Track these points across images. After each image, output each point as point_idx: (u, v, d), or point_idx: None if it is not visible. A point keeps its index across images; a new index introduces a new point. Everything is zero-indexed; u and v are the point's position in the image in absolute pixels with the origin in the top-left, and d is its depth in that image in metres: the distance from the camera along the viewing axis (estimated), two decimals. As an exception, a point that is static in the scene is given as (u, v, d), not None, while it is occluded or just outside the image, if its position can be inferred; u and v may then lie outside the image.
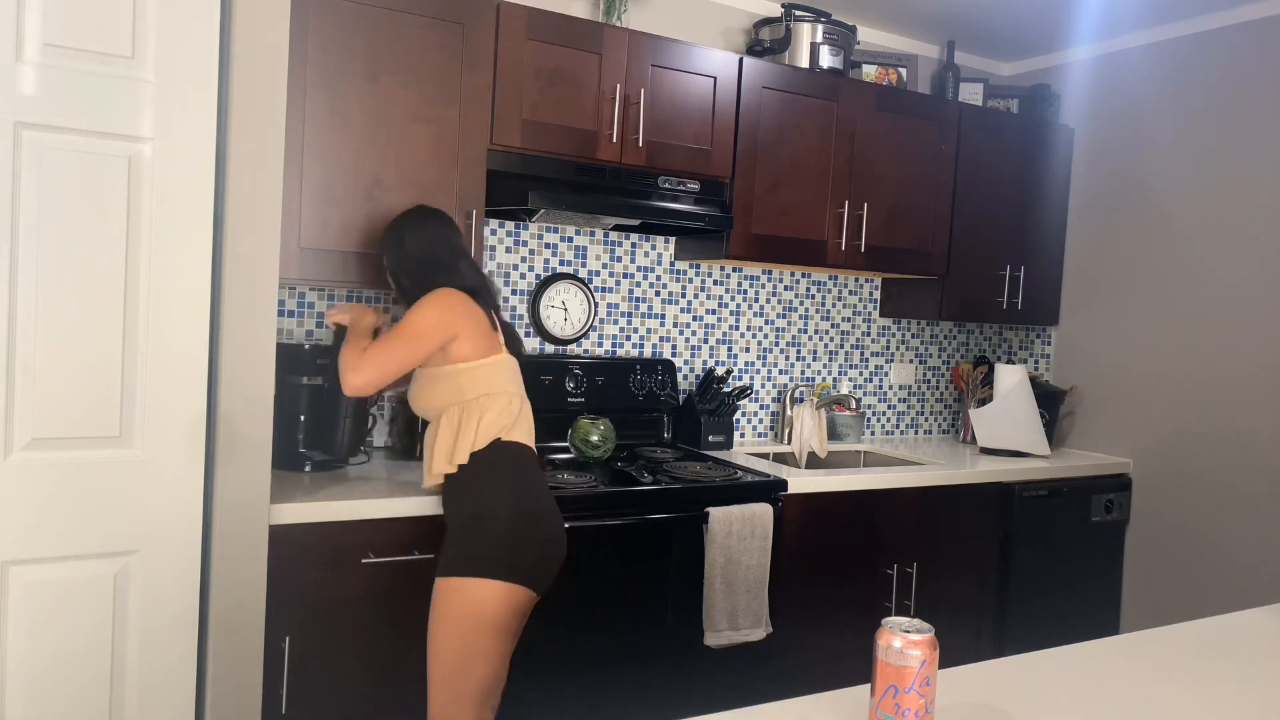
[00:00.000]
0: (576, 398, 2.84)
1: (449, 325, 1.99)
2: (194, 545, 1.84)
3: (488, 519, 1.93)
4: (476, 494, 1.96)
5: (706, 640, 2.47)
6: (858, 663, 1.23)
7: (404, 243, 2.12)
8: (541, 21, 2.49)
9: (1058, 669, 1.33)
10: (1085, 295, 3.56)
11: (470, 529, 1.94)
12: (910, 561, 2.89)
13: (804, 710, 1.15)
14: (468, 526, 1.95)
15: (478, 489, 1.97)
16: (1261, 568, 2.98)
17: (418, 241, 2.11)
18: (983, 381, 3.63)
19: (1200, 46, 3.20)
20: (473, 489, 1.97)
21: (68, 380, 1.71)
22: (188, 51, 1.77)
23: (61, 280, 1.70)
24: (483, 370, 2.03)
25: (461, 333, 2.00)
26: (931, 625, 1.03)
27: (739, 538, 2.48)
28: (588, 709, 2.36)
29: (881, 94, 3.11)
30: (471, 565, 1.91)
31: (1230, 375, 3.10)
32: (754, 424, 3.39)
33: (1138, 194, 3.38)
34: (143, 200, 1.75)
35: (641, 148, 2.65)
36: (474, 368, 2.02)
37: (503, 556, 1.90)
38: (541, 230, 2.92)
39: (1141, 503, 3.35)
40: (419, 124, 2.35)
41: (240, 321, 1.88)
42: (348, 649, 2.08)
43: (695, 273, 3.22)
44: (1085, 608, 3.30)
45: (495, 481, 1.97)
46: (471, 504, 1.96)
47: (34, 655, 1.71)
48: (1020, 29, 3.43)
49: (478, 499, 1.96)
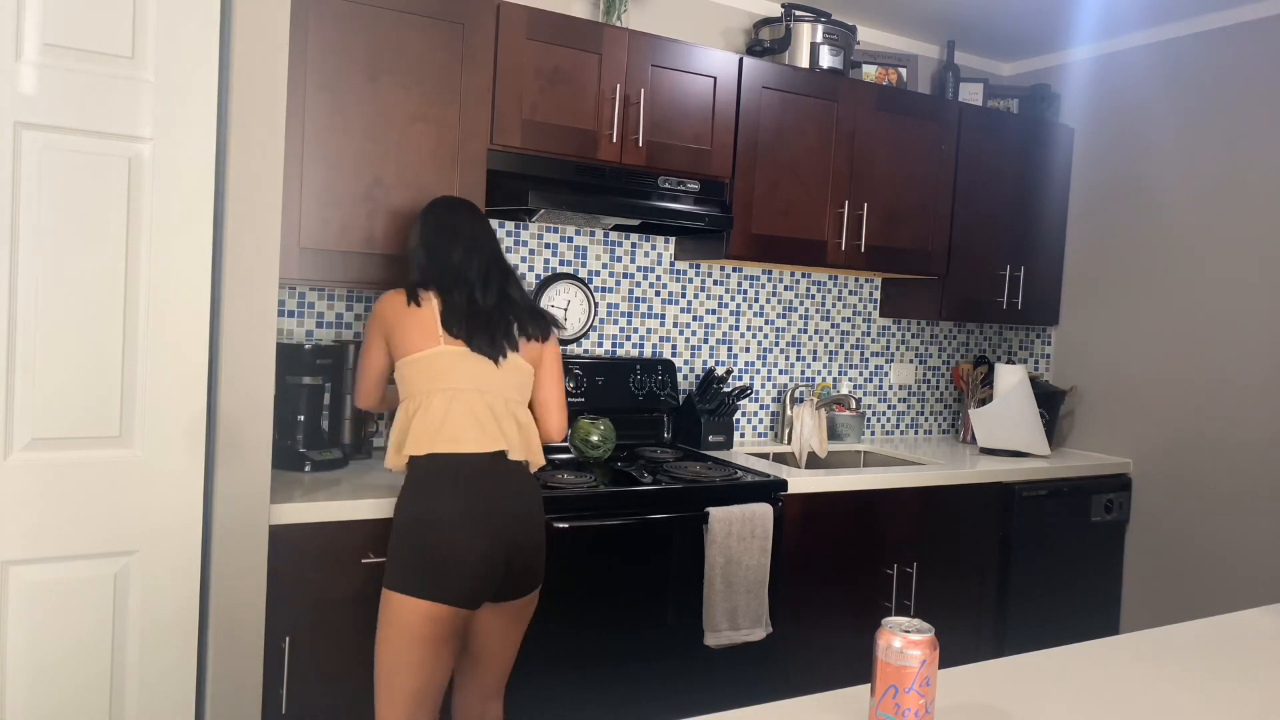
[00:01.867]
0: (576, 398, 2.84)
1: (380, 325, 2.05)
2: (194, 545, 1.84)
3: (400, 532, 1.92)
4: (400, 505, 1.95)
5: (706, 640, 2.47)
6: (858, 663, 1.23)
7: (416, 233, 2.11)
8: (541, 21, 2.49)
9: (1058, 669, 1.33)
10: (1085, 295, 3.56)
11: (392, 540, 1.93)
12: (910, 561, 2.89)
13: (804, 710, 1.15)
14: (393, 536, 1.94)
15: (402, 500, 1.95)
16: (1261, 568, 2.98)
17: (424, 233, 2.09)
18: (983, 381, 3.63)
19: (1200, 46, 3.20)
20: (401, 499, 1.96)
21: (67, 380, 1.71)
22: (188, 51, 1.77)
23: (61, 280, 1.70)
24: (410, 367, 2.00)
25: (394, 328, 2.02)
26: (931, 625, 1.03)
27: (739, 538, 2.48)
28: (588, 709, 2.36)
29: (881, 94, 3.11)
30: (389, 577, 1.91)
31: (1230, 375, 3.10)
32: (754, 424, 3.39)
33: (1138, 194, 3.38)
34: (143, 200, 1.75)
35: (641, 148, 2.65)
36: (402, 364, 2.01)
37: (410, 572, 1.88)
38: (541, 230, 2.92)
39: (1141, 503, 3.35)
40: (419, 124, 2.35)
41: (240, 321, 1.88)
42: (348, 649, 2.08)
43: (695, 273, 3.22)
44: (1085, 608, 3.30)
45: (409, 493, 1.94)
46: (397, 514, 1.95)
47: (34, 655, 1.71)
48: (1020, 29, 3.43)
49: (398, 510, 1.95)
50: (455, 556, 1.88)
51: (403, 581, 1.88)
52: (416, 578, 1.87)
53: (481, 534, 1.90)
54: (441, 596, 1.87)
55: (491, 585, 1.94)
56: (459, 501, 1.91)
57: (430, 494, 1.92)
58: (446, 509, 1.90)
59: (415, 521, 1.91)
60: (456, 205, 2.15)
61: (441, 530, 1.89)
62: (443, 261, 2.05)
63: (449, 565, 1.88)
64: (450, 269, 2.04)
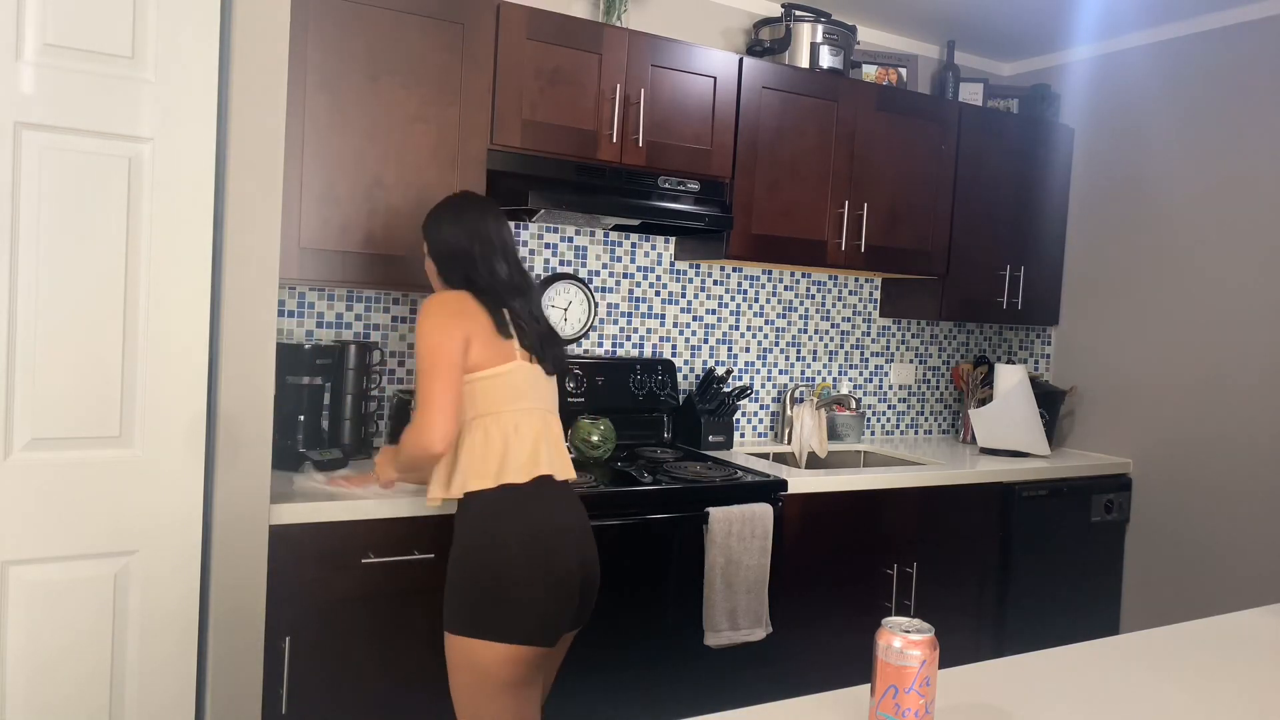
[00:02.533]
0: (576, 398, 2.84)
1: (456, 329, 1.79)
2: (194, 545, 1.84)
3: (485, 570, 1.77)
4: (467, 538, 1.80)
5: (706, 640, 2.47)
6: (858, 663, 1.23)
7: (439, 233, 1.95)
8: (541, 21, 2.49)
9: (1058, 669, 1.33)
10: (1085, 295, 3.56)
11: (461, 580, 1.79)
12: (910, 561, 2.89)
13: (804, 710, 1.15)
14: (459, 576, 1.80)
15: (468, 532, 1.80)
16: (1261, 568, 2.98)
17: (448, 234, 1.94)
18: (983, 381, 3.63)
19: (1200, 46, 3.20)
20: (465, 534, 1.81)
21: (68, 380, 1.71)
22: (188, 51, 1.77)
23: (61, 280, 1.70)
24: (483, 384, 1.82)
25: (471, 335, 1.80)
26: (931, 625, 1.03)
27: (739, 538, 2.48)
28: (588, 709, 2.36)
29: (881, 94, 3.11)
30: (461, 623, 1.77)
31: (1230, 375, 3.10)
32: (754, 424, 3.39)
33: (1138, 194, 3.38)
34: (143, 200, 1.75)
35: (641, 148, 2.65)
36: (474, 380, 1.81)
37: (490, 616, 1.74)
38: (541, 230, 2.92)
39: (1141, 503, 3.35)
40: (419, 124, 2.35)
41: (240, 321, 1.88)
42: (348, 649, 2.08)
43: (695, 273, 3.22)
44: (1085, 608, 3.30)
45: (479, 524, 1.79)
46: (461, 552, 1.81)
47: (34, 655, 1.71)
48: (1020, 29, 3.43)
49: (467, 544, 1.80)
50: (538, 592, 1.75)
51: (477, 627, 1.74)
52: (496, 620, 1.74)
53: (564, 563, 1.80)
54: (525, 639, 1.75)
55: (570, 617, 1.85)
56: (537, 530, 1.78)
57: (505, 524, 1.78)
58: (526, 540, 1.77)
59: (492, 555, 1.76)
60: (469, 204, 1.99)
61: (524, 564, 1.76)
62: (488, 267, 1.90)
63: (534, 603, 1.75)
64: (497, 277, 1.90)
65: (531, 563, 1.77)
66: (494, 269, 1.91)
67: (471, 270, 1.90)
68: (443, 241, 1.94)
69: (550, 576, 1.78)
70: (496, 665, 1.75)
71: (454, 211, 1.97)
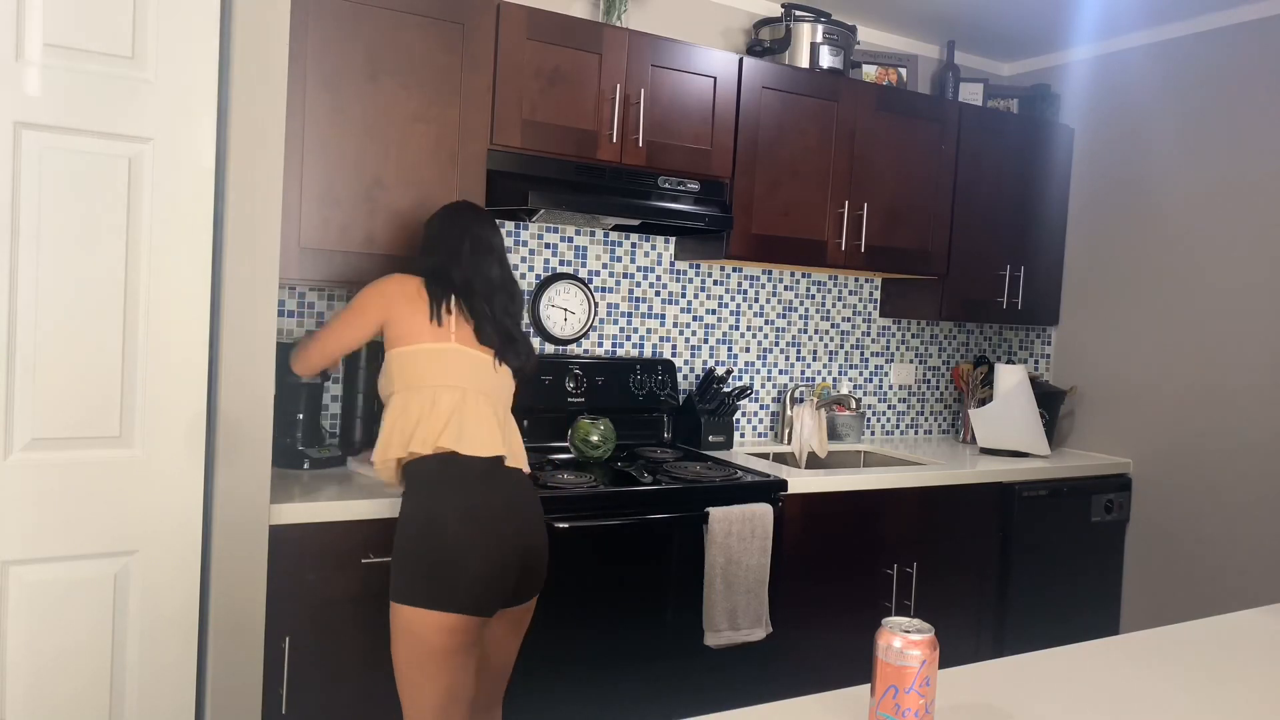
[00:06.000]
0: (576, 398, 2.84)
1: (383, 307, 1.96)
2: (194, 545, 1.84)
3: (411, 539, 1.85)
4: (407, 510, 1.89)
5: (706, 640, 2.47)
6: (858, 663, 1.23)
7: (431, 228, 2.10)
8: (541, 21, 2.49)
9: (1058, 669, 1.33)
10: (1085, 295, 3.56)
11: (400, 547, 1.87)
12: (910, 561, 2.89)
13: (804, 710, 1.15)
14: (398, 545, 1.87)
15: (407, 505, 1.89)
16: (1261, 568, 2.98)
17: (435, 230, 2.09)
18: (983, 381, 3.63)
19: (1200, 46, 3.20)
20: (406, 504, 1.90)
21: (68, 380, 1.71)
22: (188, 51, 1.77)
23: (62, 280, 1.70)
24: (414, 357, 1.92)
25: (396, 315, 1.94)
26: (931, 625, 1.03)
27: (739, 538, 2.48)
28: (587, 709, 2.36)
29: (881, 94, 3.11)
30: (401, 590, 1.84)
31: (1230, 375, 3.10)
32: (754, 424, 3.39)
33: (1138, 194, 3.38)
34: (143, 200, 1.75)
35: (641, 148, 2.65)
36: (403, 354, 1.93)
37: (422, 581, 1.81)
38: (541, 230, 2.92)
39: (1141, 503, 3.35)
40: (419, 124, 2.35)
41: (240, 321, 1.88)
42: (348, 649, 2.08)
43: (695, 273, 3.22)
44: (1085, 608, 3.30)
45: (416, 496, 1.88)
46: (401, 523, 1.89)
47: (34, 655, 1.71)
48: (1020, 29, 3.43)
49: (406, 516, 1.88)
50: (472, 562, 1.82)
51: (416, 593, 1.81)
52: (431, 588, 1.81)
53: (498, 537, 1.87)
54: (459, 606, 1.81)
55: (506, 591, 1.90)
56: (473, 504, 1.86)
57: (441, 496, 1.87)
58: (462, 511, 1.85)
59: (427, 526, 1.84)
60: (480, 214, 2.12)
61: (458, 534, 1.83)
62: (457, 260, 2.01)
63: (466, 572, 1.82)
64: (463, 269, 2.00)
65: (466, 535, 1.84)
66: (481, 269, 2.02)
67: (451, 264, 2.00)
68: (430, 238, 2.09)
69: (484, 550, 1.85)
70: (429, 632, 1.81)
71: (452, 211, 2.12)
